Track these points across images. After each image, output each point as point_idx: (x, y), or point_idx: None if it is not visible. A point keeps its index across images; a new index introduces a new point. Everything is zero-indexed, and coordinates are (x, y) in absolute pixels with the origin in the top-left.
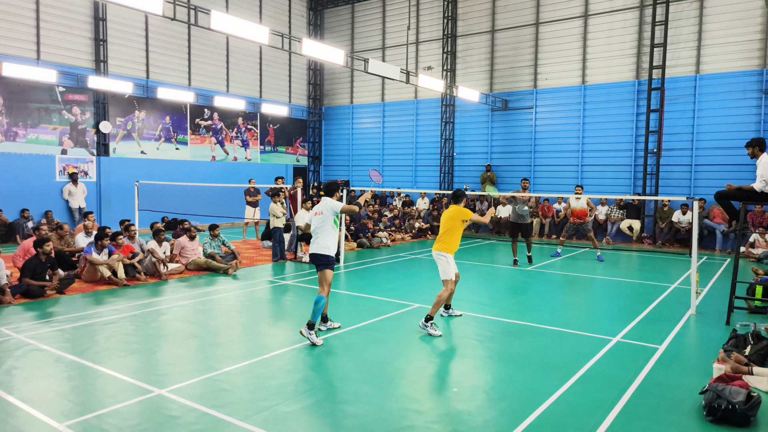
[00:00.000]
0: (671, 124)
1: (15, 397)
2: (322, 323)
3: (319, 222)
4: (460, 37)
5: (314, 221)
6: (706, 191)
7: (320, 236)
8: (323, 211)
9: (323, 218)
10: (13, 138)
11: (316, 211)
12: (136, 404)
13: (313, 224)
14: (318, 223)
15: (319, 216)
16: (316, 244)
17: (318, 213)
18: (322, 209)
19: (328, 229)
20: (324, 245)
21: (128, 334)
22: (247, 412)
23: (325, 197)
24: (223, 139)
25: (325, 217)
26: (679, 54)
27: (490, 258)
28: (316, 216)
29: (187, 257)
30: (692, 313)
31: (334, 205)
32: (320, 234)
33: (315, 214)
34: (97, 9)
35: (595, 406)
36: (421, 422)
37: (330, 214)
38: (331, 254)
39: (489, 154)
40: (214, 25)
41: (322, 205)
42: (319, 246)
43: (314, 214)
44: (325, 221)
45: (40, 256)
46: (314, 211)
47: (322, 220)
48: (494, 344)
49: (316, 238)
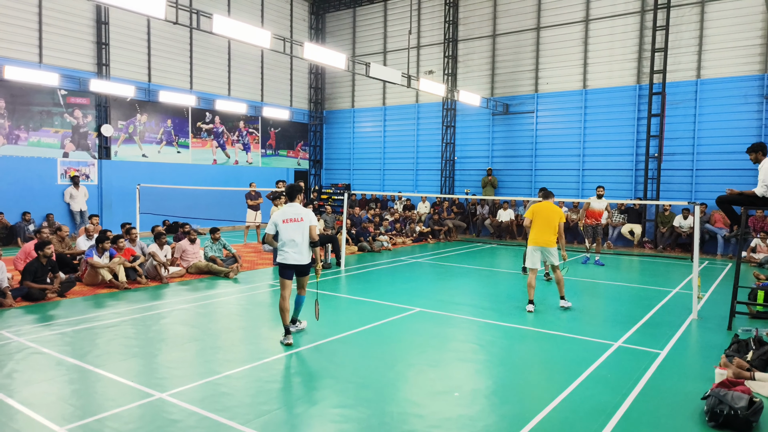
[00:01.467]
0: (672, 128)
1: (15, 400)
2: (292, 324)
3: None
4: (462, 41)
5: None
6: (707, 196)
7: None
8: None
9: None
10: (15, 141)
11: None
12: (137, 408)
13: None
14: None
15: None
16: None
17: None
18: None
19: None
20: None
21: (129, 337)
22: (247, 416)
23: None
24: (225, 142)
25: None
26: (680, 59)
27: (491, 262)
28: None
29: (188, 260)
30: (694, 318)
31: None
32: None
33: (293, 220)
34: (99, 12)
35: (597, 411)
36: (423, 427)
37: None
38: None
39: (490, 158)
40: (216, 29)
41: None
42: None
43: (291, 220)
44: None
45: (41, 259)
46: (291, 217)
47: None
48: (495, 349)
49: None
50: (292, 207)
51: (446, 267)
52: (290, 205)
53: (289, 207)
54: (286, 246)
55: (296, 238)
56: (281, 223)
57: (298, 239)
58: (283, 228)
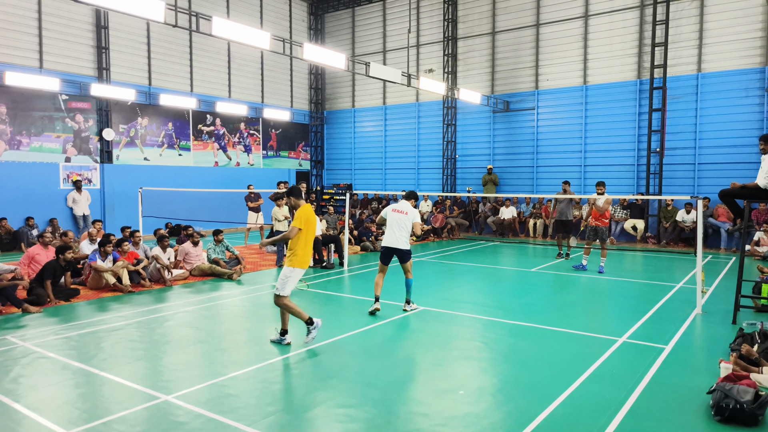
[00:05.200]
0: (674, 123)
1: (22, 405)
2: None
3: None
4: (461, 39)
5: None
6: (709, 190)
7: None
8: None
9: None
10: (18, 146)
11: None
12: (143, 410)
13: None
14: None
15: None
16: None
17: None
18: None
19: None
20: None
21: (134, 340)
22: (253, 417)
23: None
24: (226, 144)
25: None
26: (680, 53)
27: (494, 260)
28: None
29: (191, 263)
30: (698, 313)
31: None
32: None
33: (393, 210)
34: (98, 17)
35: (603, 406)
36: (428, 425)
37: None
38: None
39: (491, 156)
40: (215, 31)
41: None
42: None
43: (392, 210)
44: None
45: (61, 262)
46: (393, 208)
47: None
48: (500, 346)
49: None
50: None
51: (449, 265)
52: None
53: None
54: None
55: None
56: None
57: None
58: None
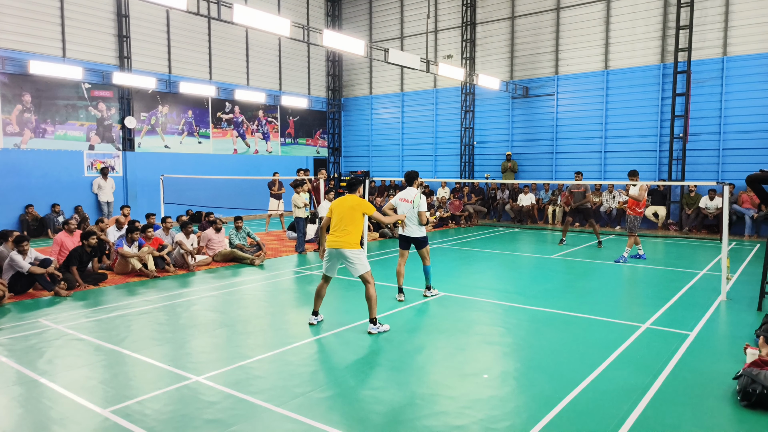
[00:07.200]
0: (698, 107)
1: (58, 384)
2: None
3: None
4: (480, 24)
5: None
6: (734, 176)
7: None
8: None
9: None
10: (42, 135)
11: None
12: (175, 390)
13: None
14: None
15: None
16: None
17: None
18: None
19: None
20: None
21: (162, 323)
22: (282, 398)
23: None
24: (245, 132)
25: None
26: (705, 36)
27: (513, 247)
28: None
29: (213, 249)
30: (723, 299)
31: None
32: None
33: (400, 200)
34: (119, 5)
35: (627, 392)
36: (454, 407)
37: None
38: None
39: (510, 143)
40: (236, 18)
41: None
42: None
43: (399, 200)
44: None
45: (86, 248)
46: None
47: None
48: (522, 332)
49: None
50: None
51: (468, 252)
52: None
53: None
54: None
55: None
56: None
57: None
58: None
